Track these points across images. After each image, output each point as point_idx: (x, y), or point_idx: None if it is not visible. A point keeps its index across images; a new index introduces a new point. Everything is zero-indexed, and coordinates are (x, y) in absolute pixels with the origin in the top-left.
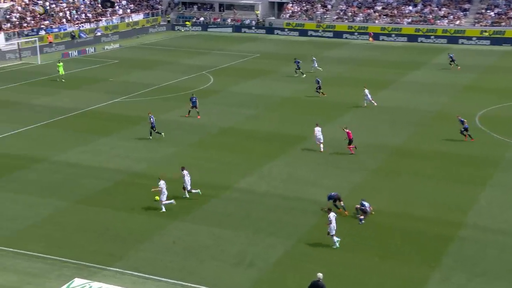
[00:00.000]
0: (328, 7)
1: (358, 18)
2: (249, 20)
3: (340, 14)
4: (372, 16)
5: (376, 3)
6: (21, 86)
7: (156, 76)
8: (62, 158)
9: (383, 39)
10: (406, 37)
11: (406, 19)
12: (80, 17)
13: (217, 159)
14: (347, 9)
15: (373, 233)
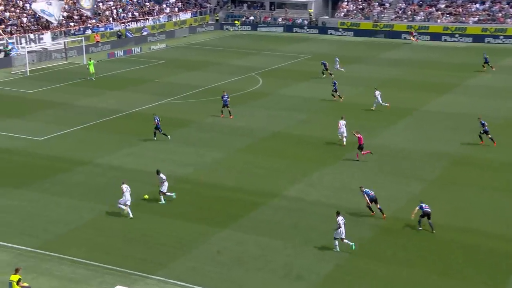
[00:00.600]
0: (385, 5)
1: (419, 17)
2: (301, 19)
3: (398, 12)
4: (434, 14)
5: (439, 0)
6: (66, 87)
7: (203, 77)
8: (106, 161)
9: (445, 39)
10: (471, 38)
11: (472, 18)
12: (126, 16)
13: (266, 165)
14: (407, 8)
15: (432, 247)
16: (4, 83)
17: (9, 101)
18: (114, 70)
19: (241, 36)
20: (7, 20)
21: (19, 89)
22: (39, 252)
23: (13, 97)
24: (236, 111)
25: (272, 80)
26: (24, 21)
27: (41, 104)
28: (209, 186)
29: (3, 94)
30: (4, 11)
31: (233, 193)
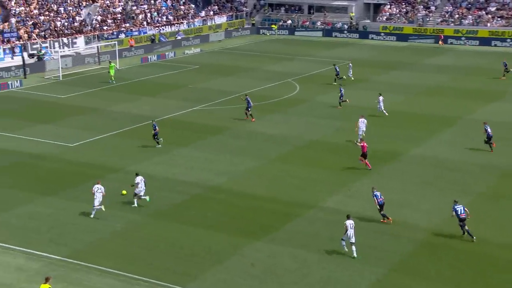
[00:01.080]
0: (431, 9)
1: (467, 20)
2: (341, 23)
3: (445, 16)
4: (484, 18)
5: (490, 3)
6: (99, 92)
7: (238, 83)
8: (137, 168)
9: (496, 44)
10: None
11: None
12: (161, 20)
13: (302, 175)
14: (454, 11)
15: (478, 265)
16: (37, 88)
17: (41, 106)
18: (147, 75)
19: (278, 40)
20: (41, 24)
21: (51, 94)
22: (68, 261)
23: (46, 102)
24: (271, 118)
25: (310, 87)
26: (58, 25)
27: (73, 110)
28: (243, 196)
29: (36, 99)
30: (39, 15)
31: (267, 203)
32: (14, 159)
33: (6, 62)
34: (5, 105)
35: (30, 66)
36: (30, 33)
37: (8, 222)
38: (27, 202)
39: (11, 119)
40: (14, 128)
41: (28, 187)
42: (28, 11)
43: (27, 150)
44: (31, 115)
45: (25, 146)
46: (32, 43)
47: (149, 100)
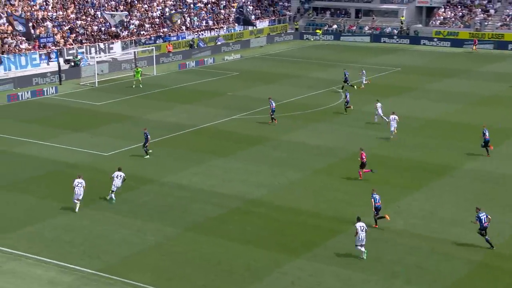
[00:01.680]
0: (490, 12)
1: None
2: (390, 28)
3: (506, 20)
4: None
5: None
6: (136, 99)
7: (280, 91)
8: (173, 179)
9: None
10: None
11: None
12: (200, 25)
13: (347, 189)
14: None
15: None
16: (72, 94)
17: (76, 114)
18: (185, 82)
19: (322, 46)
20: (78, 28)
21: (87, 101)
22: (101, 275)
23: (81, 109)
24: (315, 128)
25: (356, 95)
26: (94, 30)
27: (109, 118)
28: (284, 210)
29: (70, 106)
30: (76, 19)
31: (309, 218)
32: (49, 168)
33: (42, 68)
34: (40, 113)
35: (66, 72)
36: (66, 38)
37: (41, 234)
38: (61, 213)
39: (45, 126)
40: (48, 136)
41: (62, 197)
42: (65, 16)
43: (61, 159)
44: (65, 123)
45: (60, 154)
46: (68, 48)
47: (187, 108)
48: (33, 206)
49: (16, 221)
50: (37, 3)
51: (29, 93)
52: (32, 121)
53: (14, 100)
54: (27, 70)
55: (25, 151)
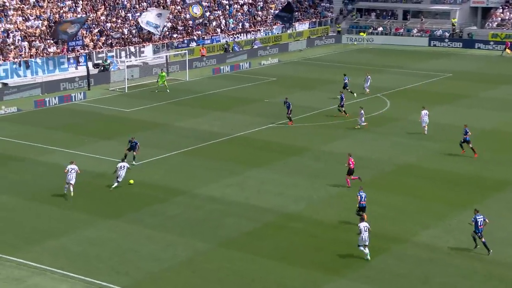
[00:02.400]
0: None
1: None
2: (441, 30)
3: None
4: None
5: None
6: (167, 106)
7: (320, 97)
8: (205, 191)
9: None
10: None
11: None
12: (236, 27)
13: (391, 204)
14: None
15: None
16: (100, 100)
17: (104, 121)
18: (219, 87)
19: (366, 50)
20: (108, 31)
21: (115, 108)
22: None
23: (109, 116)
24: (357, 137)
25: (402, 103)
26: (125, 32)
27: (139, 125)
28: (323, 225)
29: (98, 112)
30: (106, 22)
31: (350, 235)
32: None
33: (70, 72)
34: (67, 119)
35: (95, 77)
36: (96, 41)
37: (67, 247)
38: (88, 226)
39: (73, 134)
40: (76, 144)
41: (89, 209)
42: (95, 18)
43: (89, 168)
44: (93, 130)
45: (87, 163)
46: (97, 52)
47: (221, 115)
48: (58, 218)
49: (40, 234)
50: (66, 4)
51: (57, 99)
52: (58, 128)
53: (41, 106)
54: (55, 75)
55: (51, 160)
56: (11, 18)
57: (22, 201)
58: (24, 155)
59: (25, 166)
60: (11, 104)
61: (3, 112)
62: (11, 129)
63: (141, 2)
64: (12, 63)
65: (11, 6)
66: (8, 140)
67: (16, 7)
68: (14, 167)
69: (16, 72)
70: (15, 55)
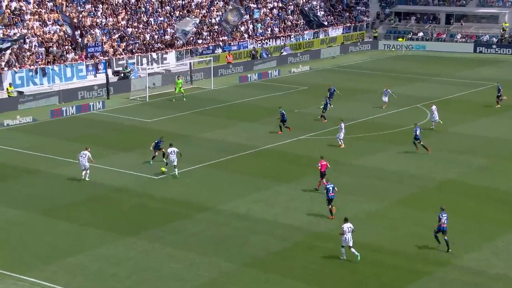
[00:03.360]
0: None
1: None
2: (488, 35)
3: None
4: None
5: None
6: (191, 116)
7: (354, 108)
8: (230, 207)
9: None
10: None
11: None
12: (264, 33)
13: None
14: None
15: None
16: (120, 110)
17: (124, 131)
18: (246, 97)
19: (405, 57)
20: (128, 37)
21: (136, 118)
22: None
23: (129, 126)
24: (394, 151)
25: (444, 114)
26: (147, 38)
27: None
28: (356, 246)
29: (118, 122)
30: (127, 27)
31: (386, 256)
32: (93, 192)
33: (88, 80)
34: (85, 130)
35: (114, 85)
36: (116, 47)
37: (83, 265)
38: (105, 243)
39: (91, 145)
40: (94, 156)
41: (107, 225)
42: (115, 22)
43: (107, 182)
44: (113, 142)
45: (106, 177)
46: (117, 58)
47: (247, 126)
48: (75, 234)
49: (55, 251)
50: (86, 9)
51: (74, 108)
52: (75, 139)
53: (58, 116)
54: (73, 83)
55: (67, 173)
56: (28, 23)
57: (36, 216)
58: (39, 168)
59: (39, 179)
60: (27, 113)
61: (18, 122)
62: (26, 140)
63: (164, 6)
64: (28, 71)
65: (28, 10)
66: (22, 152)
67: (33, 11)
68: (28, 180)
69: (32, 80)
70: (31, 62)
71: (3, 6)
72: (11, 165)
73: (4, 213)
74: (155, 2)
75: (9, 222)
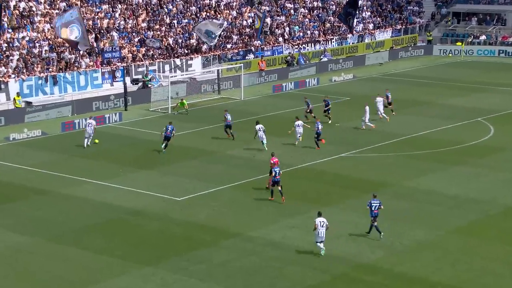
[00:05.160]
0: None
1: None
2: None
3: None
4: None
5: None
6: (217, 130)
7: (404, 122)
8: (261, 234)
9: None
10: None
11: None
12: (302, 36)
13: (500, 256)
14: None
15: None
16: (139, 123)
17: (144, 147)
18: (280, 108)
19: (465, 63)
20: (150, 40)
21: (156, 132)
22: None
23: (149, 142)
24: (452, 172)
25: (510, 129)
26: (170, 42)
27: (184, 153)
28: (407, 280)
29: (137, 137)
30: (148, 29)
31: None
32: (109, 216)
33: (104, 89)
34: (100, 145)
35: (133, 94)
36: (135, 52)
37: None
38: (121, 273)
39: (107, 162)
40: (110, 175)
41: (123, 253)
42: (134, 25)
43: (124, 204)
44: (130, 158)
45: (123, 198)
46: (136, 65)
47: (282, 141)
48: (86, 263)
49: (65, 283)
50: (103, 9)
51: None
52: (89, 155)
53: (69, 129)
54: (87, 92)
55: (80, 193)
56: (38, 26)
57: (45, 243)
58: (49, 188)
59: (49, 200)
60: (35, 126)
61: (25, 136)
62: (34, 156)
63: (190, 7)
64: (37, 78)
65: (38, 12)
66: (30, 170)
67: (44, 12)
68: (36, 202)
69: (41, 89)
70: (41, 69)
71: (11, 6)
72: (18, 184)
73: (9, 238)
74: (179, 2)
75: (15, 249)
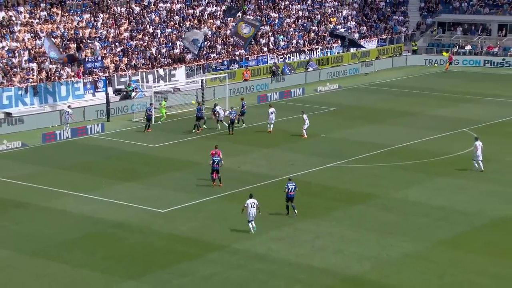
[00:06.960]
0: None
1: None
2: None
3: None
4: None
5: None
6: (201, 141)
7: (389, 132)
8: (247, 246)
9: None
10: None
11: None
12: (287, 45)
13: (488, 269)
14: None
15: None
16: (122, 134)
17: (126, 159)
18: (265, 119)
19: (450, 74)
20: (132, 51)
21: (139, 143)
22: None
23: (132, 153)
24: (437, 183)
25: (496, 140)
26: (153, 52)
27: (167, 164)
28: None
29: (119, 148)
30: (130, 39)
31: None
32: (90, 229)
33: (86, 99)
34: (82, 157)
35: (115, 105)
36: (117, 62)
37: None
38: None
39: (88, 174)
40: (91, 187)
41: (105, 267)
42: (116, 34)
43: (105, 217)
44: (113, 170)
45: (105, 211)
46: (119, 75)
47: (267, 153)
48: (67, 278)
49: None
50: (84, 18)
51: (69, 131)
52: (71, 167)
53: (50, 141)
54: (68, 103)
55: (61, 206)
56: (18, 35)
57: (24, 257)
58: (28, 201)
59: (28, 213)
60: (15, 138)
61: (4, 148)
62: (14, 169)
63: (173, 16)
64: (17, 89)
65: (18, 21)
66: (10, 182)
67: (24, 21)
68: (15, 215)
69: (21, 100)
70: (21, 79)
71: None
72: None
73: None
74: (162, 11)
75: None
